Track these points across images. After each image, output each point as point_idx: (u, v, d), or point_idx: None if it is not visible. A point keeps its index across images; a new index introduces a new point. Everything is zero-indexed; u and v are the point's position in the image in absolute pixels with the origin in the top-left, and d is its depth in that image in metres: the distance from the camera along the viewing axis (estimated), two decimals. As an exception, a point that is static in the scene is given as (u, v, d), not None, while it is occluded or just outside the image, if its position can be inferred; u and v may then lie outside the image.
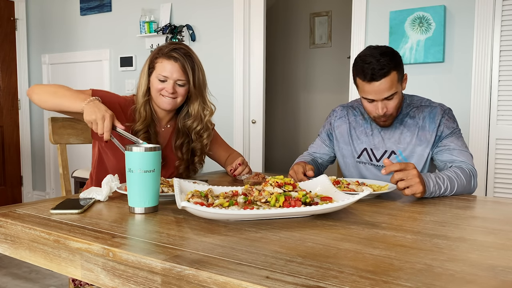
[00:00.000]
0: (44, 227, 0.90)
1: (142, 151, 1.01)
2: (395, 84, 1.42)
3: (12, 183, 4.13)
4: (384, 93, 1.41)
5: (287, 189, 1.04)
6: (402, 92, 1.52)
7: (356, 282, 0.62)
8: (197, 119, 1.57)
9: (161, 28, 3.34)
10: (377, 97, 1.43)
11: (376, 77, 1.39)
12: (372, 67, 1.38)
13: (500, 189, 2.33)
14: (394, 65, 1.40)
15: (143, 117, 1.51)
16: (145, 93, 1.53)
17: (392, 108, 1.47)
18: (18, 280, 2.63)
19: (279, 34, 4.76)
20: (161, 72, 1.47)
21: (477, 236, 0.88)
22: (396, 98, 1.45)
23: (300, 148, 4.62)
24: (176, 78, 1.47)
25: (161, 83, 1.48)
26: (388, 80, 1.40)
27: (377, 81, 1.39)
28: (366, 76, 1.40)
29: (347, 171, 1.68)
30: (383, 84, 1.40)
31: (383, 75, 1.39)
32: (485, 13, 2.31)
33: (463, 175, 1.35)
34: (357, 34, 2.66)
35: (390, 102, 1.46)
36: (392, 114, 1.49)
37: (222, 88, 3.20)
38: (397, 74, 1.42)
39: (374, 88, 1.41)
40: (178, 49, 1.49)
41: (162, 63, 1.47)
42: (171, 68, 1.46)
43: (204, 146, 1.63)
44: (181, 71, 1.47)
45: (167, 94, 1.48)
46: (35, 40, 4.19)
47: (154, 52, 1.52)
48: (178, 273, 0.68)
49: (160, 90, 1.48)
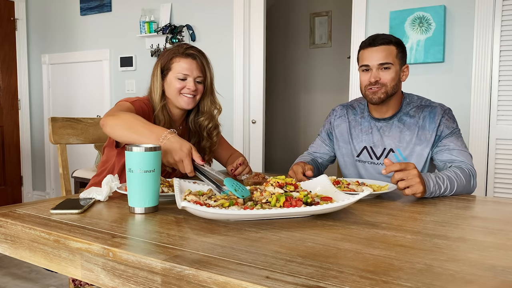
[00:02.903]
0: (44, 227, 0.90)
1: (142, 151, 1.01)
2: (393, 57, 1.48)
3: (12, 183, 4.13)
4: (379, 58, 1.48)
5: (288, 190, 1.04)
6: (400, 82, 1.54)
7: (356, 282, 0.62)
8: (209, 116, 1.61)
9: (161, 28, 3.34)
10: (372, 62, 1.49)
11: (376, 42, 1.48)
12: (375, 36, 1.51)
13: (500, 189, 2.33)
14: (396, 42, 1.49)
15: (163, 121, 1.52)
16: (161, 97, 1.54)
17: (386, 79, 1.49)
18: (18, 280, 2.63)
19: (279, 34, 4.76)
20: (181, 71, 1.50)
21: (477, 236, 0.88)
22: (391, 72, 1.49)
23: (300, 148, 4.62)
24: (196, 75, 1.51)
25: (181, 82, 1.50)
26: (386, 48, 1.47)
27: (375, 46, 1.48)
28: (367, 42, 1.51)
29: (346, 170, 1.68)
30: (380, 50, 1.47)
31: (383, 43, 1.48)
32: (485, 13, 2.31)
33: (463, 175, 1.35)
34: (357, 34, 2.66)
35: (384, 73, 1.49)
36: (385, 87, 1.49)
37: (222, 88, 3.18)
38: (397, 50, 1.49)
39: (372, 52, 1.49)
40: (192, 47, 1.54)
41: (179, 62, 1.51)
42: (190, 66, 1.50)
43: (213, 144, 1.65)
44: (199, 68, 1.52)
45: (189, 92, 1.50)
46: (35, 40, 4.19)
47: (167, 54, 1.54)
48: (178, 273, 0.68)
49: (180, 89, 1.51)
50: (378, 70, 1.48)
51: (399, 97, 1.57)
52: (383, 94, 1.50)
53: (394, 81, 1.50)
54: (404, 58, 1.53)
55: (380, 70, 1.48)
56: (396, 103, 1.57)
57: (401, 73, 1.53)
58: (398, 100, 1.57)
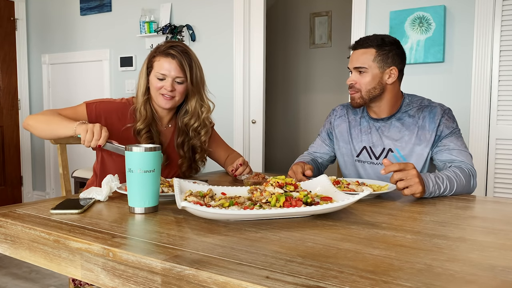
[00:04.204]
0: (44, 227, 0.90)
1: (142, 151, 1.01)
2: (369, 61, 1.49)
3: (12, 183, 4.13)
4: (355, 62, 1.50)
5: (288, 190, 1.04)
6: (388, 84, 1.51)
7: (356, 282, 0.62)
8: (194, 116, 1.59)
9: (161, 28, 3.34)
10: (350, 65, 1.53)
11: (357, 45, 1.52)
12: (360, 39, 1.53)
13: (500, 189, 2.33)
14: (378, 45, 1.49)
15: (144, 116, 1.52)
16: (145, 92, 1.54)
17: (361, 83, 1.51)
18: (18, 280, 2.63)
19: (279, 34, 4.76)
20: (159, 70, 1.48)
21: (477, 236, 0.88)
22: (367, 76, 1.50)
23: (300, 148, 4.62)
24: (174, 75, 1.48)
25: (160, 81, 1.49)
26: (363, 52, 1.50)
27: (356, 49, 1.52)
28: (352, 44, 1.55)
29: (346, 170, 1.68)
30: (358, 53, 1.50)
31: (362, 47, 1.50)
32: (485, 13, 2.31)
33: (463, 175, 1.35)
34: (357, 34, 2.66)
35: (360, 77, 1.51)
36: (359, 92, 1.51)
37: (222, 88, 3.20)
38: (376, 53, 1.49)
39: (352, 55, 1.53)
40: (175, 46, 1.50)
41: (159, 61, 1.49)
42: (169, 65, 1.47)
43: (203, 143, 1.64)
44: (178, 69, 1.48)
45: (166, 92, 1.49)
46: (35, 40, 4.19)
47: (152, 51, 1.54)
48: (178, 273, 0.69)
49: (159, 88, 1.49)
50: (356, 73, 1.52)
51: (394, 98, 1.55)
52: (359, 99, 1.53)
53: (370, 85, 1.50)
54: (386, 60, 1.49)
55: (357, 73, 1.51)
56: (391, 104, 1.56)
57: (385, 75, 1.50)
58: (394, 101, 1.56)
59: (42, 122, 1.42)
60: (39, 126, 1.42)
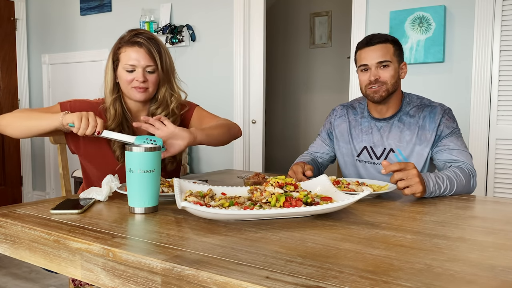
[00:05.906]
0: (44, 227, 0.90)
1: (142, 151, 1.01)
2: (390, 55, 1.49)
3: (12, 183, 4.13)
4: (378, 57, 1.49)
5: (288, 190, 1.04)
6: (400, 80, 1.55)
7: (356, 282, 0.62)
8: (162, 105, 1.48)
9: (161, 28, 3.34)
10: (370, 61, 1.50)
11: (373, 41, 1.50)
12: (371, 35, 1.52)
13: (500, 189, 2.33)
14: (393, 40, 1.51)
15: (113, 115, 1.42)
16: (113, 90, 1.44)
17: (386, 77, 1.50)
18: (18, 280, 2.63)
19: (279, 34, 4.76)
20: (127, 62, 1.38)
21: (477, 236, 0.88)
22: (391, 69, 1.50)
23: (300, 148, 4.62)
24: (144, 64, 1.38)
25: (129, 73, 1.39)
26: (383, 47, 1.49)
27: (373, 45, 1.49)
28: (364, 41, 1.52)
29: (346, 170, 1.68)
30: (378, 48, 1.49)
31: (380, 42, 1.49)
32: (485, 13, 2.31)
33: (463, 174, 1.35)
34: (357, 34, 2.66)
35: (383, 71, 1.50)
36: (385, 84, 1.50)
37: (222, 88, 3.20)
38: (394, 48, 1.51)
39: (370, 52, 1.50)
40: (141, 33, 1.40)
41: (126, 51, 1.39)
42: (136, 55, 1.37)
43: None
44: (148, 57, 1.38)
45: (138, 84, 1.39)
46: (35, 40, 4.19)
47: (116, 43, 1.43)
48: (178, 273, 0.68)
49: (130, 81, 1.39)
50: (377, 68, 1.50)
51: (399, 96, 1.58)
52: (384, 92, 1.50)
53: (394, 79, 1.51)
54: (401, 55, 1.54)
55: (379, 68, 1.50)
56: (396, 102, 1.57)
57: (400, 70, 1.54)
58: (398, 99, 1.57)
59: (18, 118, 1.32)
60: (15, 123, 1.32)
